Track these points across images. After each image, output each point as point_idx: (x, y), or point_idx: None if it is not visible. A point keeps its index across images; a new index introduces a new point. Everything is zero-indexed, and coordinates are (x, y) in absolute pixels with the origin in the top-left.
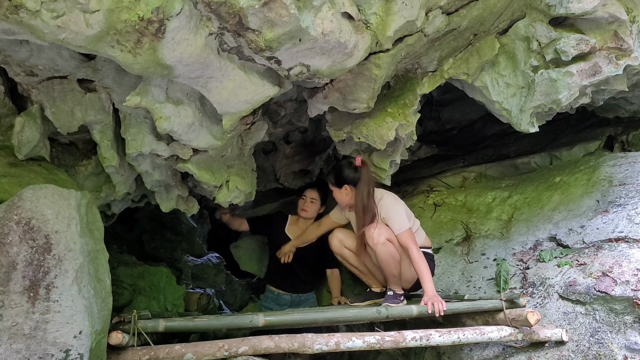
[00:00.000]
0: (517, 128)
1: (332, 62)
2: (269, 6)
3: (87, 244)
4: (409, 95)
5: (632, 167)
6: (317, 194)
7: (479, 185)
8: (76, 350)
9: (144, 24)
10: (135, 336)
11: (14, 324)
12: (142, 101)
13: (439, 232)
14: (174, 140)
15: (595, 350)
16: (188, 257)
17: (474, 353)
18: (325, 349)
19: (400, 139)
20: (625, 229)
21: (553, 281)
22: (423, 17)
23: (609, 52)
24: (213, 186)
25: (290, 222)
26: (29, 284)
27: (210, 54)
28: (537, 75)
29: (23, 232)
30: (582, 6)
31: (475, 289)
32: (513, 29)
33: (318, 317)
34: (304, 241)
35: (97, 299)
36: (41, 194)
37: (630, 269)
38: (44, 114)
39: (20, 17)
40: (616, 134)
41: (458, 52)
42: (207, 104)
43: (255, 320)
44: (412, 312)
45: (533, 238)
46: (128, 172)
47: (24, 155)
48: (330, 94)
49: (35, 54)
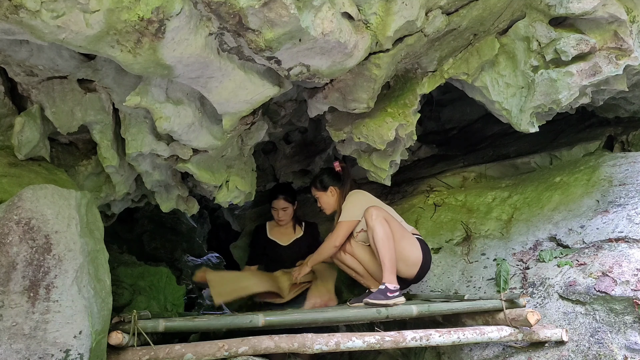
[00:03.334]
0: (517, 128)
1: (332, 62)
2: (269, 6)
3: (87, 244)
4: (409, 95)
5: (632, 167)
6: (285, 202)
7: (479, 185)
8: (76, 350)
9: (144, 24)
10: (135, 336)
11: (14, 324)
12: (142, 101)
13: (439, 232)
14: (174, 140)
15: (595, 350)
16: (188, 257)
17: (474, 353)
18: (325, 349)
19: (400, 139)
20: (625, 229)
21: (553, 281)
22: (423, 17)
23: (609, 52)
24: (213, 186)
25: (270, 227)
26: (29, 284)
27: (210, 54)
28: (537, 75)
29: (23, 232)
30: (582, 6)
31: (475, 289)
32: (513, 29)
33: (318, 317)
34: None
35: (97, 299)
36: (41, 194)
37: (630, 269)
38: (44, 114)
39: (20, 17)
40: (616, 134)
41: (458, 52)
42: (207, 104)
43: (255, 320)
44: (412, 312)
45: (533, 238)
46: (128, 172)
47: (24, 155)
48: (330, 94)
49: (35, 54)
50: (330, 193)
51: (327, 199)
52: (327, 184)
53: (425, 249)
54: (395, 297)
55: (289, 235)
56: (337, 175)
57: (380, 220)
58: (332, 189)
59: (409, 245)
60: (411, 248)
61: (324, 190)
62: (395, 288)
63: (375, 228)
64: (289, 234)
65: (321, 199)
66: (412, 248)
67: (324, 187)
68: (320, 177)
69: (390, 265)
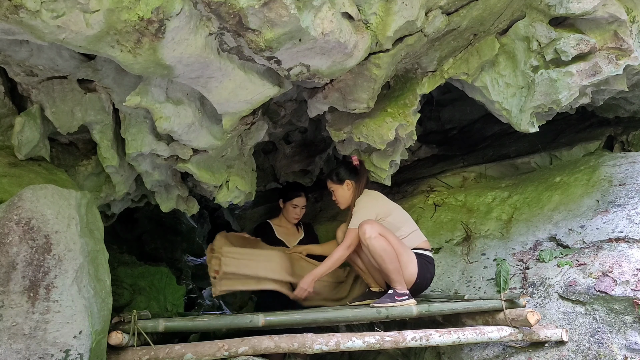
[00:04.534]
0: (517, 128)
1: (332, 62)
2: (269, 6)
3: (87, 244)
4: (409, 95)
5: (632, 167)
6: (305, 200)
7: (479, 185)
8: (76, 350)
9: (144, 24)
10: (135, 336)
11: (14, 324)
12: (142, 101)
13: (439, 232)
14: (174, 140)
15: (595, 350)
16: (188, 257)
17: (474, 353)
18: (325, 349)
19: (400, 139)
20: (625, 229)
21: (553, 281)
22: (423, 17)
23: (609, 52)
24: (213, 186)
25: (276, 227)
26: (28, 284)
27: (210, 54)
28: (537, 75)
29: (23, 232)
30: (582, 6)
31: (475, 289)
32: (513, 29)
33: (318, 317)
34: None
35: (97, 299)
36: (41, 194)
37: (630, 269)
38: (44, 114)
39: (20, 17)
40: (616, 134)
41: (458, 52)
42: (207, 104)
43: (255, 320)
44: (412, 312)
45: (533, 238)
46: (128, 172)
47: (24, 155)
48: (330, 94)
49: (35, 54)
50: (347, 187)
51: (342, 193)
52: (343, 177)
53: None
54: (404, 300)
55: (294, 236)
56: (353, 169)
57: (375, 236)
58: (349, 183)
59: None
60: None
61: (340, 183)
62: (404, 292)
63: (369, 245)
64: (294, 234)
65: (337, 192)
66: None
67: (340, 180)
68: (337, 170)
69: (397, 275)
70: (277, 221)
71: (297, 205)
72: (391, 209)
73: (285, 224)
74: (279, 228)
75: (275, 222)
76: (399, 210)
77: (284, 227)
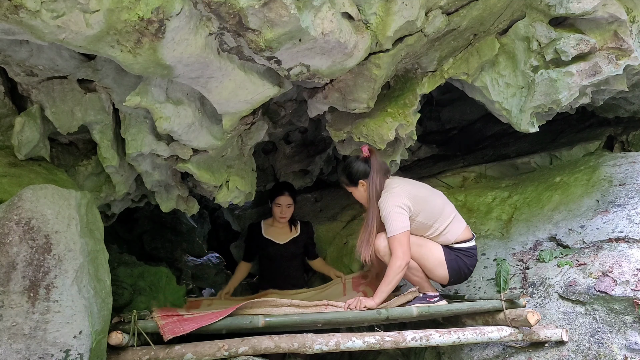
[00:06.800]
0: (517, 128)
1: (332, 62)
2: (269, 6)
3: (87, 244)
4: (409, 95)
5: (632, 167)
6: (289, 198)
7: (479, 185)
8: (76, 350)
9: (144, 24)
10: (135, 336)
11: (14, 324)
12: (142, 101)
13: None
14: (174, 140)
15: (595, 350)
16: (188, 257)
17: (474, 353)
18: (325, 349)
19: (400, 139)
20: (625, 229)
21: (553, 281)
22: (423, 17)
23: (609, 52)
24: (213, 186)
25: (266, 227)
26: (29, 284)
27: (210, 54)
28: (537, 75)
29: (23, 232)
30: (582, 6)
31: (475, 289)
32: (513, 29)
33: (318, 318)
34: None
35: (97, 299)
36: (41, 194)
37: (630, 269)
38: (44, 114)
39: (20, 17)
40: (616, 134)
41: (458, 52)
42: (207, 104)
43: (255, 320)
44: (412, 313)
45: (533, 238)
46: (128, 172)
47: (24, 155)
48: (330, 94)
49: (35, 54)
50: (362, 187)
51: (359, 194)
52: (355, 179)
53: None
54: (436, 301)
55: (286, 235)
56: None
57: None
58: (362, 182)
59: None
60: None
61: (355, 186)
62: (433, 294)
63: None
64: (285, 233)
65: (354, 194)
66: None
67: (353, 183)
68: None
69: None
70: (269, 221)
71: (280, 205)
72: (420, 202)
73: (277, 224)
74: (269, 227)
75: (267, 222)
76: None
77: (274, 227)
